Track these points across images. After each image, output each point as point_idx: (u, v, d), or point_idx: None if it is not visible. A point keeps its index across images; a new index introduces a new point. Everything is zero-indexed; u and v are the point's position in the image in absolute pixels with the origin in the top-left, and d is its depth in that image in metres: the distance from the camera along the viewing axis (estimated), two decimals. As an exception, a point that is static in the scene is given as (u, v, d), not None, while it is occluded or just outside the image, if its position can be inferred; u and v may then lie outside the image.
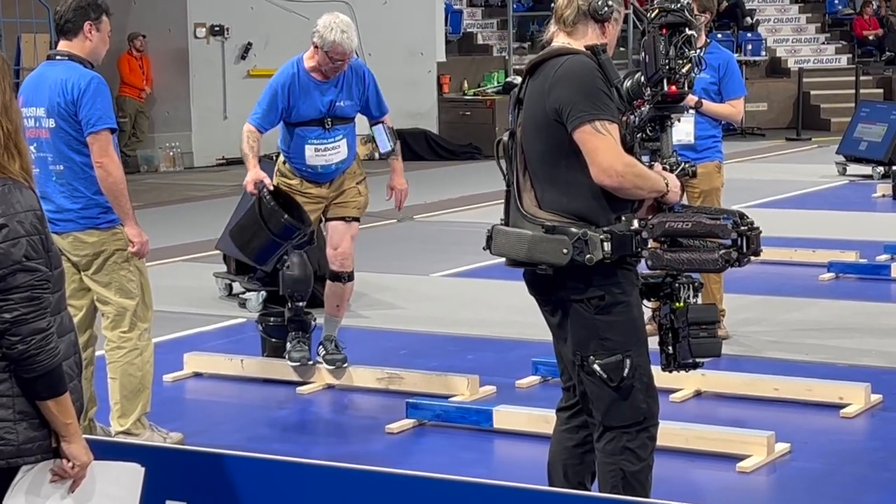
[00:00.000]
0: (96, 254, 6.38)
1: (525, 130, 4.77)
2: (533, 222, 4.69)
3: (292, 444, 6.75)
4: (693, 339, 4.84)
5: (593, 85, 4.62)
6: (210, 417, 6.90)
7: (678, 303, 4.85)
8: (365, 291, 10.34)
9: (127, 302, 6.43)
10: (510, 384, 7.67)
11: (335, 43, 7.41)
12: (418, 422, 7.03)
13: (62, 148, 6.31)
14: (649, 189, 4.69)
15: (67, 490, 3.89)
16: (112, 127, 6.30)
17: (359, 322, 9.54)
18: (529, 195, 4.74)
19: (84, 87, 6.23)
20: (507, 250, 4.77)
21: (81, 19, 6.34)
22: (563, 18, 4.79)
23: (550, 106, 4.64)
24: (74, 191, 6.33)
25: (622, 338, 4.72)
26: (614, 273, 4.68)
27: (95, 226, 6.36)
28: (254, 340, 8.38)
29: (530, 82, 4.79)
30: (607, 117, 4.60)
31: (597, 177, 4.59)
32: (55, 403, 3.75)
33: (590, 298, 4.68)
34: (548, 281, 4.74)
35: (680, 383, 7.50)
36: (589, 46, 4.73)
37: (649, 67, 4.79)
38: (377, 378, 7.71)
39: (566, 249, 4.59)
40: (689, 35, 4.79)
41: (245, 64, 20.70)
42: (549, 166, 4.69)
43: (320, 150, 7.60)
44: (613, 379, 4.71)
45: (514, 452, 6.71)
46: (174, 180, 18.81)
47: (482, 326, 9.04)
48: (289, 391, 7.76)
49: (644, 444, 4.78)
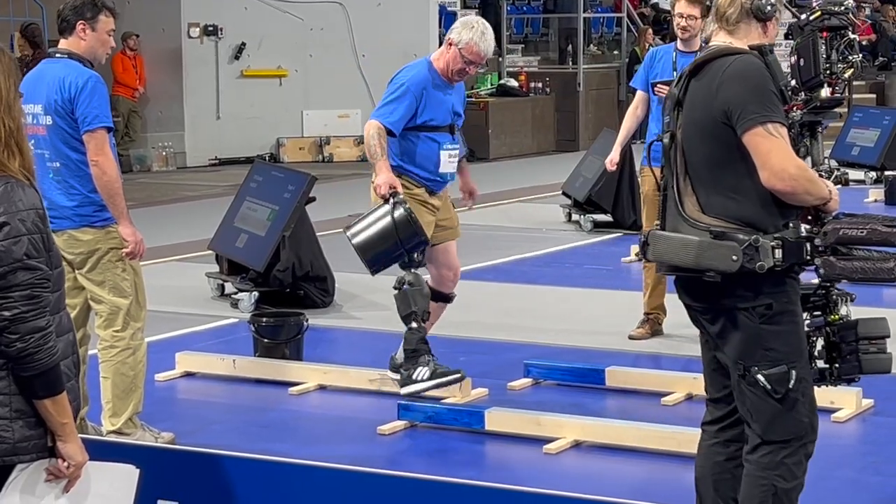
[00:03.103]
0: (90, 252, 6.38)
1: (687, 133, 4.62)
2: (697, 227, 4.52)
3: (283, 444, 6.75)
4: (863, 353, 4.68)
5: (764, 86, 4.48)
6: (201, 417, 6.90)
7: (834, 315, 4.72)
8: (357, 292, 10.34)
9: (120, 301, 6.43)
10: (502, 386, 7.67)
11: (472, 42, 7.04)
12: (410, 423, 7.03)
13: (59, 145, 6.32)
14: (817, 195, 4.52)
15: (62, 490, 3.89)
16: (108, 126, 6.31)
17: (351, 323, 9.55)
18: (691, 199, 4.58)
19: (81, 85, 6.25)
20: (671, 256, 4.59)
21: (75, 18, 6.37)
22: (726, 17, 4.63)
23: (718, 107, 4.49)
24: (70, 188, 6.35)
25: (788, 348, 4.55)
26: (783, 281, 4.53)
27: (90, 224, 6.37)
28: (246, 341, 8.39)
29: (693, 83, 4.63)
30: (778, 119, 4.45)
31: (768, 181, 4.44)
32: (52, 403, 3.75)
33: (757, 307, 4.51)
34: (712, 288, 4.55)
35: (671, 386, 7.52)
36: (755, 46, 4.58)
37: (805, 71, 4.68)
38: (369, 379, 7.71)
39: (736, 256, 4.42)
40: (852, 39, 4.70)
41: (239, 64, 20.69)
42: (714, 170, 4.54)
43: (452, 156, 7.23)
44: (777, 391, 4.53)
45: (505, 455, 6.71)
46: (167, 180, 18.79)
47: (474, 328, 9.04)
48: (280, 391, 7.76)
49: (800, 462, 4.62)
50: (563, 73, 23.68)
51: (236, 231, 10.33)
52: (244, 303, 9.78)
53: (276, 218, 10.03)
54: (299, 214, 10.02)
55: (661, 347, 8.65)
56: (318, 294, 9.92)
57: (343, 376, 7.82)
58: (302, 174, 10.49)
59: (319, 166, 19.35)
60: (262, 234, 10.03)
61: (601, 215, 13.61)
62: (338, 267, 10.29)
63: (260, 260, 9.89)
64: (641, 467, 6.48)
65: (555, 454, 6.60)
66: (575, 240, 13.15)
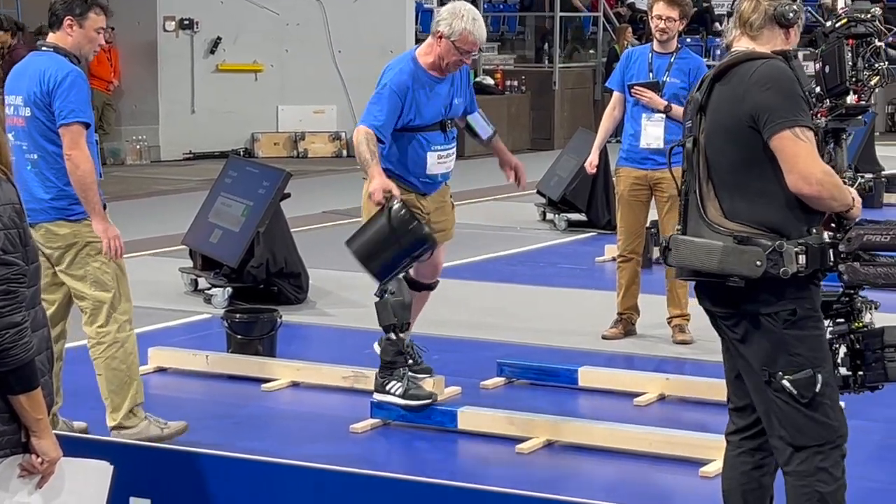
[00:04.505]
0: (68, 246, 6.37)
1: (710, 137, 4.60)
2: (720, 232, 4.51)
3: (256, 441, 6.74)
4: (889, 361, 4.65)
5: (792, 90, 4.47)
6: (174, 413, 6.88)
7: (858, 322, 4.71)
8: (331, 289, 10.33)
9: (102, 295, 6.42)
10: (475, 385, 7.68)
11: (466, 31, 6.74)
12: (383, 421, 7.03)
13: (36, 137, 6.32)
14: (842, 201, 4.51)
15: (35, 486, 3.89)
16: (84, 121, 6.29)
17: (324, 320, 9.54)
18: (714, 204, 4.56)
19: (60, 78, 6.24)
20: (694, 261, 4.57)
21: (64, 13, 6.34)
22: (750, 23, 4.63)
23: (746, 111, 4.48)
24: (46, 180, 6.34)
25: (812, 353, 4.53)
26: (807, 287, 4.51)
27: (65, 217, 6.36)
28: (219, 336, 8.37)
29: (718, 87, 4.60)
30: (806, 123, 4.45)
31: (794, 185, 4.42)
32: (27, 398, 3.74)
33: (780, 312, 4.50)
34: (735, 293, 4.52)
35: (644, 387, 7.54)
36: (779, 51, 4.58)
37: (830, 79, 4.68)
38: (342, 376, 7.70)
39: (760, 261, 4.41)
40: (879, 47, 4.69)
41: (214, 58, 20.63)
42: (739, 175, 4.52)
43: (443, 156, 6.98)
44: (804, 395, 4.50)
45: (477, 454, 6.71)
46: (140, 173, 18.73)
47: (448, 327, 9.05)
48: (253, 388, 7.75)
49: (836, 463, 4.58)
50: (539, 71, 23.69)
51: (210, 226, 10.31)
52: (217, 298, 9.76)
53: (250, 214, 10.02)
54: (274, 210, 10.01)
55: (634, 348, 8.67)
56: (291, 290, 9.91)
57: (316, 373, 7.82)
58: (277, 170, 10.47)
59: (294, 162, 19.30)
60: (237, 229, 10.02)
61: (576, 214, 13.63)
62: (312, 263, 10.28)
63: (234, 256, 9.88)
64: (613, 467, 6.50)
65: (527, 454, 6.61)
66: (549, 239, 13.16)
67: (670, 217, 8.61)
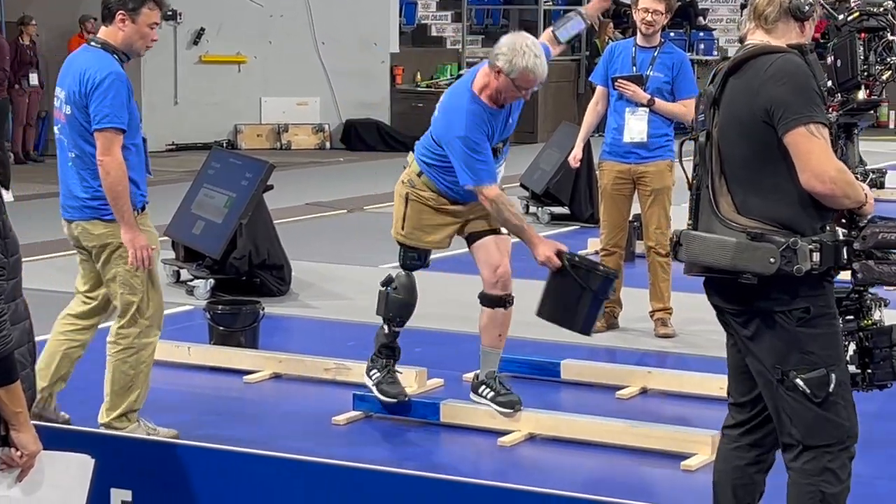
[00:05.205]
0: (102, 246, 6.33)
1: (724, 132, 4.53)
2: (732, 228, 4.45)
3: (238, 432, 6.73)
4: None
5: (808, 85, 4.41)
6: (155, 404, 6.86)
7: (867, 320, 4.68)
8: (313, 281, 10.32)
9: (130, 297, 6.37)
10: (458, 377, 7.67)
11: (526, 70, 6.42)
12: (365, 414, 7.03)
13: (74, 136, 6.28)
14: (855, 198, 4.46)
15: (15, 479, 3.87)
16: (118, 126, 6.17)
17: (307, 312, 9.53)
18: (726, 199, 4.50)
19: (99, 80, 6.14)
20: (706, 257, 4.50)
21: (117, 6, 6.22)
22: (764, 16, 4.56)
23: (761, 105, 4.41)
24: (83, 179, 6.31)
25: (826, 352, 4.47)
26: (821, 284, 4.46)
27: (100, 217, 6.31)
28: (201, 328, 8.36)
29: (732, 80, 4.54)
30: (821, 120, 4.39)
31: (807, 182, 4.37)
32: (6, 392, 3.72)
33: (793, 310, 4.44)
34: (747, 290, 4.46)
35: (626, 380, 7.55)
36: (795, 45, 4.52)
37: (842, 73, 4.64)
38: (325, 368, 7.70)
39: (773, 258, 4.35)
40: (891, 41, 4.65)
41: (197, 49, 20.60)
42: (752, 170, 4.46)
43: None
44: (818, 395, 4.45)
45: (460, 446, 6.72)
46: (123, 164, 18.70)
47: (431, 319, 9.02)
48: (235, 380, 7.75)
49: (844, 465, 4.54)
50: (523, 64, 23.67)
51: (193, 217, 10.28)
52: (200, 290, 9.75)
53: (233, 205, 10.00)
54: (256, 202, 10.00)
55: (617, 341, 8.67)
56: (274, 282, 9.90)
57: (298, 365, 7.81)
58: (260, 162, 10.46)
59: (277, 153, 19.29)
60: (219, 221, 10.00)
61: (558, 208, 13.63)
62: (294, 255, 10.27)
63: (216, 247, 9.86)
64: (595, 461, 6.50)
65: (509, 447, 6.61)
66: (532, 232, 13.13)
67: (653, 211, 8.63)
